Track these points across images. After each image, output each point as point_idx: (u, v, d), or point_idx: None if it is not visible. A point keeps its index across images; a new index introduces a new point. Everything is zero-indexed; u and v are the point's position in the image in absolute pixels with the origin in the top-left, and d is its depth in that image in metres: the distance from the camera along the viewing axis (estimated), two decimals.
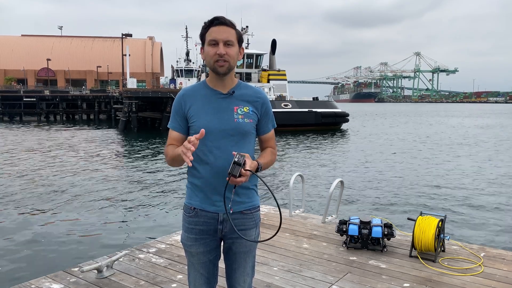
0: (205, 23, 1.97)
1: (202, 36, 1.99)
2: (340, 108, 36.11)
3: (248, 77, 37.53)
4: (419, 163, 16.75)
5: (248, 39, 41.47)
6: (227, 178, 1.82)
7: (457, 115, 70.17)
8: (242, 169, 1.81)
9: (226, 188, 1.87)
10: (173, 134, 2.08)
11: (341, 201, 5.99)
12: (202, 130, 1.77)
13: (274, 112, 2.15)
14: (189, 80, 40.50)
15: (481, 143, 24.78)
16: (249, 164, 1.85)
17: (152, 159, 17.37)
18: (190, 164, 1.76)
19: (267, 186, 1.83)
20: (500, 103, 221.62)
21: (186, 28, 53.18)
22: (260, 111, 2.09)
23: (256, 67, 38.88)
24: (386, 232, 4.29)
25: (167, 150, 2.04)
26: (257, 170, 1.95)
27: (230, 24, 1.95)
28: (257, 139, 2.17)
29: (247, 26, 41.83)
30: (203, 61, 2.42)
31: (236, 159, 1.81)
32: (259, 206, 2.16)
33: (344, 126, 35.78)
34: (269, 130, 2.15)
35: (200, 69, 44.09)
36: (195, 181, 2.05)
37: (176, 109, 2.08)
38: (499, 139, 27.38)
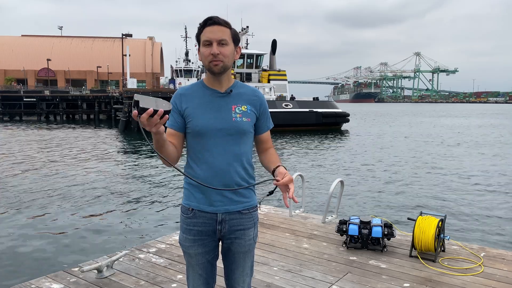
0: (200, 24, 1.96)
1: (198, 37, 1.98)
2: (340, 108, 36.16)
3: (248, 77, 37.54)
4: (419, 163, 16.74)
5: (247, 39, 41.52)
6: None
7: (457, 115, 70.14)
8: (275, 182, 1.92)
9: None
10: (167, 130, 2.05)
11: (341, 201, 5.99)
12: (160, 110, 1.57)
13: (275, 112, 2.16)
14: (188, 80, 40.47)
15: (481, 143, 24.77)
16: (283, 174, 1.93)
17: (152, 159, 17.36)
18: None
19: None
20: (500, 103, 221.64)
21: (186, 28, 53.10)
22: (259, 110, 2.09)
23: (256, 67, 38.88)
24: (386, 232, 4.29)
25: None
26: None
27: (224, 23, 1.93)
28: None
29: (247, 26, 41.89)
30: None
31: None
32: (257, 205, 2.16)
33: (344, 126, 35.81)
34: (268, 129, 2.15)
35: (199, 69, 44.11)
36: (192, 182, 2.03)
37: (173, 107, 2.06)
38: (499, 139, 27.38)
